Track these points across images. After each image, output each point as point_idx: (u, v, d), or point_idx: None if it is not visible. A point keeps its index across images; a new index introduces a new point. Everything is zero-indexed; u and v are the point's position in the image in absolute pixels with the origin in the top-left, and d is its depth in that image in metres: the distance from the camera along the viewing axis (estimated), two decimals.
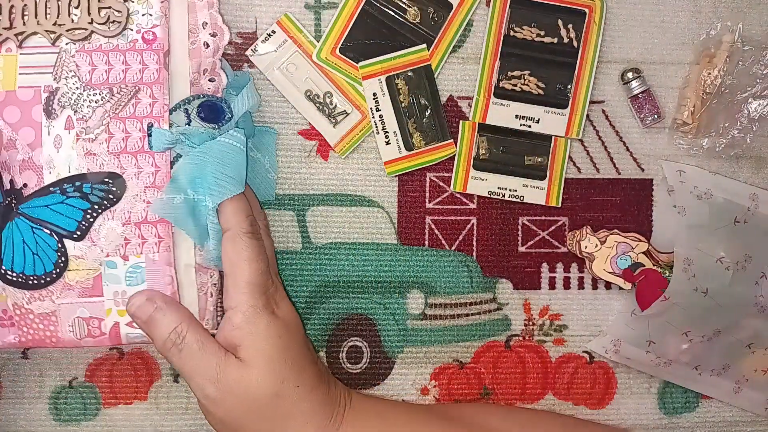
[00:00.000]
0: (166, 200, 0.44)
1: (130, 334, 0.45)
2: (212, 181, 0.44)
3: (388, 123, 0.51)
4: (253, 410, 0.43)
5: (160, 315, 0.44)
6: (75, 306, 0.45)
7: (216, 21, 0.46)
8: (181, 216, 0.44)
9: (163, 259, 0.45)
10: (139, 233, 0.44)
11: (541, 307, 0.54)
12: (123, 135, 0.44)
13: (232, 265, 0.44)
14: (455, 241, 0.53)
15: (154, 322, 0.44)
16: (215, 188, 0.44)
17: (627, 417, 0.55)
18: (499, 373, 0.54)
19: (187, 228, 0.45)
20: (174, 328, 0.43)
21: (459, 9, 0.51)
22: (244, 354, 0.43)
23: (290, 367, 0.44)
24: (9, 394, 0.52)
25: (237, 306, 0.44)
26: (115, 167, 0.44)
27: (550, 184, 0.53)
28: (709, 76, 0.52)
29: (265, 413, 0.44)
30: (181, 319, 0.44)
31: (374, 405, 0.50)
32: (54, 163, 0.44)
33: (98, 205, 0.44)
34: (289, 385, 0.44)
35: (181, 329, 0.43)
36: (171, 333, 0.43)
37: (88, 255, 0.44)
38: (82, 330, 0.45)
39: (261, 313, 0.44)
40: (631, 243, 0.52)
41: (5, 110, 0.44)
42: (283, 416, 0.44)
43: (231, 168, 0.44)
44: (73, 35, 0.44)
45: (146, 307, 0.44)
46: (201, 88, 0.46)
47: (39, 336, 0.45)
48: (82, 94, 0.44)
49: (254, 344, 0.43)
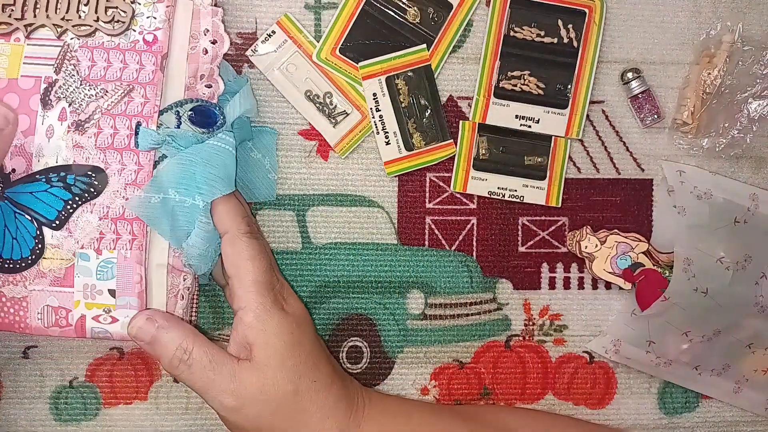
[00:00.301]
0: (143, 198, 0.45)
1: (95, 328, 0.45)
2: (201, 181, 0.45)
3: (388, 123, 0.51)
4: (272, 411, 0.43)
5: (163, 333, 0.44)
6: (45, 294, 0.45)
7: (218, 29, 0.47)
8: (156, 216, 0.45)
9: (135, 257, 0.45)
10: (115, 229, 0.45)
11: (541, 307, 0.54)
12: (111, 131, 0.45)
13: (235, 267, 0.44)
14: (455, 241, 0.53)
15: (158, 342, 0.44)
16: (205, 187, 0.44)
17: (627, 417, 0.55)
18: (499, 373, 0.54)
19: (161, 228, 0.45)
20: (179, 344, 0.43)
21: (459, 9, 0.51)
22: (257, 353, 0.43)
23: (304, 363, 0.44)
24: (9, 393, 0.52)
25: (246, 305, 0.44)
26: (100, 162, 0.45)
27: (550, 184, 0.53)
28: (709, 76, 0.52)
29: (285, 412, 0.43)
30: (185, 334, 0.44)
31: (398, 404, 0.50)
32: (43, 152, 0.44)
33: (79, 197, 0.45)
34: (306, 380, 0.44)
35: (186, 345, 0.43)
36: (176, 350, 0.43)
37: (63, 245, 0.45)
38: (50, 319, 0.45)
39: (271, 310, 0.44)
40: (631, 243, 0.53)
41: (5, 97, 0.45)
42: (303, 412, 0.44)
43: (219, 169, 0.45)
44: (78, 31, 0.45)
45: (147, 328, 0.44)
46: (197, 92, 0.47)
47: (8, 320, 0.45)
48: (78, 88, 0.45)
49: (267, 342, 0.43)
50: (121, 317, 0.45)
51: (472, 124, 0.52)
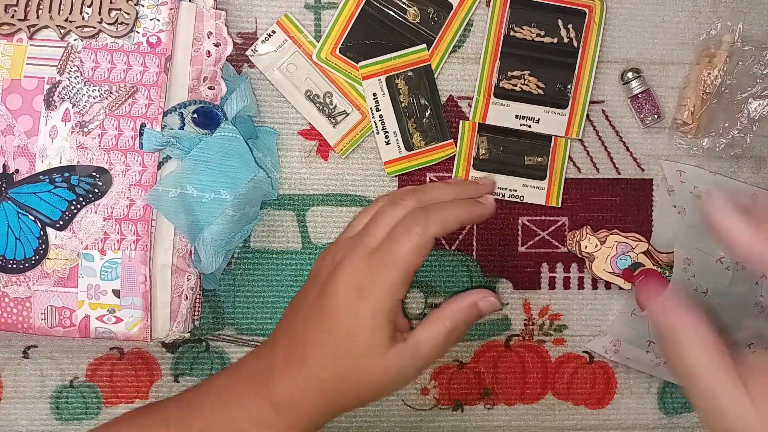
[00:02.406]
0: (162, 192, 0.45)
1: (99, 328, 0.46)
2: (223, 175, 0.46)
3: (388, 123, 0.51)
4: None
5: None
6: (49, 294, 0.45)
7: (221, 32, 0.48)
8: (174, 209, 0.45)
9: (139, 258, 0.45)
10: (119, 229, 0.45)
11: (541, 307, 0.54)
12: (116, 132, 0.45)
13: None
14: (455, 241, 0.53)
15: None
16: (229, 181, 0.46)
17: (627, 417, 0.55)
18: (499, 373, 0.54)
19: (178, 222, 0.46)
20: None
21: (459, 9, 0.51)
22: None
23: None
24: (10, 393, 0.52)
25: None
26: (104, 162, 0.45)
27: (550, 184, 0.53)
28: (709, 76, 0.52)
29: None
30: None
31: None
32: (47, 152, 0.45)
33: (83, 197, 0.45)
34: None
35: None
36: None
37: (67, 245, 0.45)
38: (54, 319, 0.46)
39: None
40: (631, 243, 0.53)
41: (8, 97, 0.45)
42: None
43: (236, 158, 0.46)
44: (81, 32, 0.45)
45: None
46: (199, 94, 0.47)
47: (11, 320, 0.46)
48: (82, 89, 0.45)
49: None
50: (126, 317, 0.46)
51: (472, 124, 0.52)
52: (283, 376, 0.41)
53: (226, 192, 0.46)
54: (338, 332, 0.40)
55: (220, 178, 0.46)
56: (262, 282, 0.52)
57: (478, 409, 0.55)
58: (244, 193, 0.47)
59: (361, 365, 0.40)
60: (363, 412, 0.54)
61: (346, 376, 0.40)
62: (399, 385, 0.41)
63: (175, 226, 0.46)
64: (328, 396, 0.40)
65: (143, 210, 0.45)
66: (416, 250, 0.40)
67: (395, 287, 0.40)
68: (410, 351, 0.41)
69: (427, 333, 0.41)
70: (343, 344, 0.40)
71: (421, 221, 0.40)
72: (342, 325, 0.40)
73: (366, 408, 0.54)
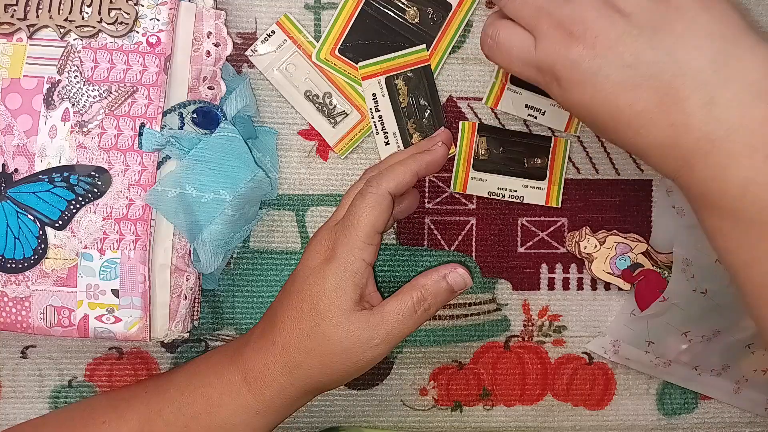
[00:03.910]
0: (161, 192, 0.45)
1: (98, 328, 0.46)
2: (223, 175, 0.46)
3: (388, 123, 0.51)
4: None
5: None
6: (48, 294, 0.45)
7: (221, 32, 0.48)
8: (173, 209, 0.45)
9: (138, 257, 0.45)
10: (118, 229, 0.45)
11: (541, 307, 0.54)
12: (115, 132, 0.45)
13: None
14: (454, 241, 0.53)
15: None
16: (228, 181, 0.46)
17: (626, 418, 0.55)
18: (498, 374, 0.54)
19: (178, 221, 0.46)
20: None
21: (458, 9, 0.51)
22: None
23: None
24: (8, 393, 0.52)
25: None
26: (104, 162, 0.45)
27: (549, 184, 0.53)
28: None
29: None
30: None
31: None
32: (46, 152, 0.45)
33: (82, 197, 0.45)
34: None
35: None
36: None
37: (66, 245, 0.45)
38: (53, 319, 0.46)
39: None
40: (630, 243, 0.53)
41: (7, 97, 0.45)
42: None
43: (236, 158, 0.47)
44: (81, 32, 0.45)
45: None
46: (199, 94, 0.47)
47: (10, 320, 0.46)
48: (81, 89, 0.45)
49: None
50: (125, 317, 0.46)
51: (472, 125, 0.52)
52: (255, 345, 0.44)
53: (226, 192, 0.46)
54: (305, 294, 0.43)
55: (219, 178, 0.46)
56: (261, 282, 0.52)
57: (477, 410, 0.55)
58: (244, 193, 0.47)
59: (323, 323, 0.42)
60: (362, 412, 0.54)
61: (307, 331, 0.42)
62: (365, 355, 0.42)
63: (175, 225, 0.46)
64: (289, 353, 0.42)
65: (142, 210, 0.46)
66: (373, 206, 0.43)
67: (358, 245, 0.42)
68: (375, 319, 0.42)
69: (393, 303, 0.43)
70: (308, 302, 0.43)
71: (374, 180, 0.44)
72: (309, 288, 0.43)
73: (365, 407, 0.54)
